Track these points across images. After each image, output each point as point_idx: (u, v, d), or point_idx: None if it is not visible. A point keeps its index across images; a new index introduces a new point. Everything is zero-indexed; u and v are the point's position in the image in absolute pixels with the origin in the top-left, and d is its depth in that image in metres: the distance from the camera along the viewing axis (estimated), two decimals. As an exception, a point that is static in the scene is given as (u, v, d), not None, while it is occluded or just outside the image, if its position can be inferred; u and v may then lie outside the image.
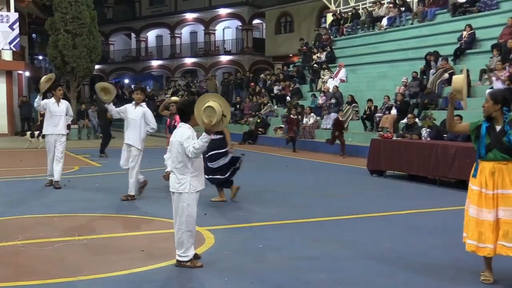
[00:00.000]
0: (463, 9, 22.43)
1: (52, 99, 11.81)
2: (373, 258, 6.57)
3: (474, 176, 5.69)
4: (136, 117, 10.25)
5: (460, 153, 11.69)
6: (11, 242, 7.06)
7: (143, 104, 10.46)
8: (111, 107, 10.21)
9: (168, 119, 11.40)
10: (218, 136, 9.78)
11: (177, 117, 10.48)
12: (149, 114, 10.41)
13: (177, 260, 6.10)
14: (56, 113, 11.67)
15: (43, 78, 11.49)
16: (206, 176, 9.63)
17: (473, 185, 5.69)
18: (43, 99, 11.73)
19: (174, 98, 12.08)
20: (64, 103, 11.92)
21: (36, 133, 21.58)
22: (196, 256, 6.20)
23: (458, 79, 5.93)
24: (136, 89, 11.54)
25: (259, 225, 8.44)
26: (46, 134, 11.78)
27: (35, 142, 21.37)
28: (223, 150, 9.98)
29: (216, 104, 5.93)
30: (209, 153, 9.78)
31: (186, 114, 6.12)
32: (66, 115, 11.90)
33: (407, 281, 5.76)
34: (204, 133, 5.89)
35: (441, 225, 8.53)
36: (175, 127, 10.66)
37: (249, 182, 11.84)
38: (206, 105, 5.91)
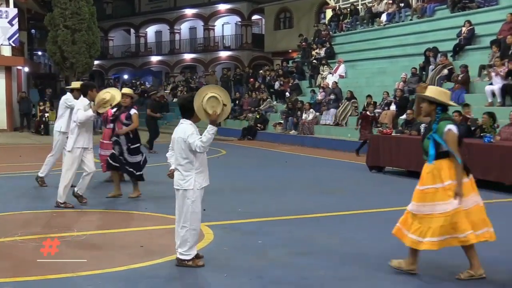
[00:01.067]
0: (462, 4, 22.40)
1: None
2: (372, 254, 6.58)
3: None
4: None
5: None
6: (10, 238, 7.06)
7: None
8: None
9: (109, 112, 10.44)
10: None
11: (110, 111, 10.44)
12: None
13: (179, 259, 5.98)
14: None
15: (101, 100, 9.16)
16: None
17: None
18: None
19: (127, 90, 11.31)
20: None
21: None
22: (198, 255, 6.09)
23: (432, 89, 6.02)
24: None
25: (258, 221, 8.45)
26: (78, 147, 9.31)
27: None
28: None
29: (216, 94, 5.90)
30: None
31: (189, 110, 5.96)
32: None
33: (406, 277, 5.77)
34: (209, 126, 5.81)
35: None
36: (112, 120, 10.67)
37: (248, 177, 11.85)
38: (208, 96, 5.85)
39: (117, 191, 10.08)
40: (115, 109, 10.31)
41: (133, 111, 10.18)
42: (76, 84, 10.86)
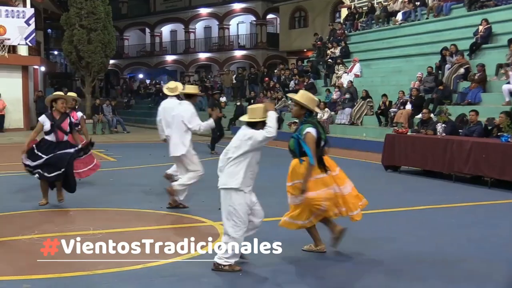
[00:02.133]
0: (480, 3, 22.24)
1: None
2: (387, 254, 6.55)
3: None
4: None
5: (475, 148, 11.62)
6: (27, 236, 7.11)
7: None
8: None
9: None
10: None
11: (74, 113, 10.37)
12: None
13: (217, 263, 5.89)
14: None
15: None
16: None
17: None
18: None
19: (72, 94, 10.98)
20: None
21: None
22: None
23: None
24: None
25: (272, 220, 8.44)
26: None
27: None
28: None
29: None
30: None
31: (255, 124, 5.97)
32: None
33: (422, 276, 5.75)
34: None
35: (456, 221, 8.50)
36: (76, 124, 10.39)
37: (263, 176, 11.82)
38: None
39: None
40: None
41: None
42: (194, 89, 9.74)
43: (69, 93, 10.82)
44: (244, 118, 6.07)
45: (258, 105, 6.14)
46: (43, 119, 9.11)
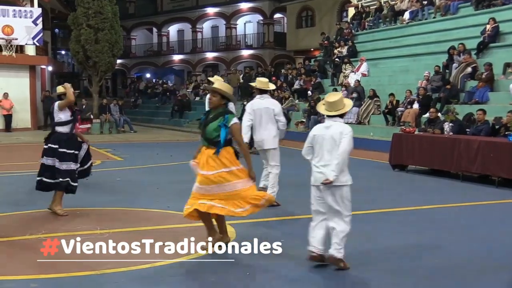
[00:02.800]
0: (487, 2, 22.16)
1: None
2: (394, 253, 6.54)
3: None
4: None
5: (483, 147, 11.59)
6: (34, 236, 7.14)
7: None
8: None
9: None
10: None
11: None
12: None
13: (339, 259, 5.90)
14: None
15: None
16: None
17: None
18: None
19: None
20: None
21: None
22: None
23: None
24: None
25: (280, 219, 8.45)
26: None
27: None
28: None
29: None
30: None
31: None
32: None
33: (429, 276, 5.73)
34: None
35: (464, 220, 8.47)
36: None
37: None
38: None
39: None
40: None
41: None
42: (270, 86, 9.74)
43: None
44: (329, 112, 6.09)
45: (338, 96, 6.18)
46: None
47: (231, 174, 6.30)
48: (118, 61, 37.29)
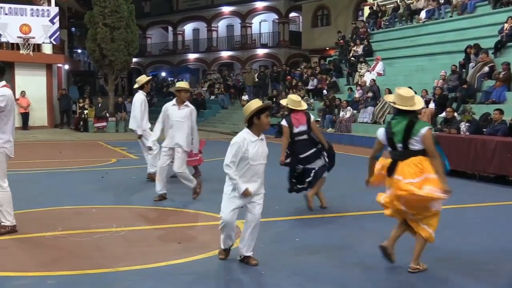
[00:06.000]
0: (505, 0, 21.99)
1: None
2: (409, 253, 6.50)
3: None
4: (182, 118, 9.83)
5: (500, 148, 11.51)
6: (51, 233, 7.18)
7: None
8: None
9: None
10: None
11: None
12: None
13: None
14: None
15: None
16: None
17: None
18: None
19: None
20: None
21: None
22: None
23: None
24: None
25: (294, 218, 8.44)
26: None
27: None
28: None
29: None
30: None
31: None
32: None
33: (445, 276, 5.70)
34: None
35: (480, 221, 8.41)
36: None
37: (284, 175, 11.80)
38: None
39: None
40: None
41: None
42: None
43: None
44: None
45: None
46: None
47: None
48: (134, 59, 37.46)
